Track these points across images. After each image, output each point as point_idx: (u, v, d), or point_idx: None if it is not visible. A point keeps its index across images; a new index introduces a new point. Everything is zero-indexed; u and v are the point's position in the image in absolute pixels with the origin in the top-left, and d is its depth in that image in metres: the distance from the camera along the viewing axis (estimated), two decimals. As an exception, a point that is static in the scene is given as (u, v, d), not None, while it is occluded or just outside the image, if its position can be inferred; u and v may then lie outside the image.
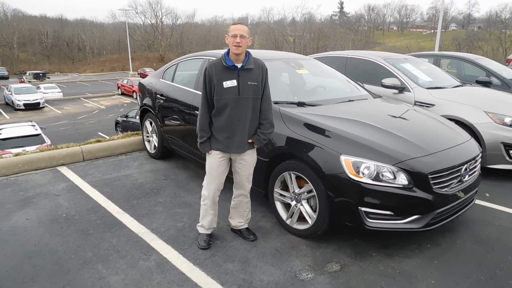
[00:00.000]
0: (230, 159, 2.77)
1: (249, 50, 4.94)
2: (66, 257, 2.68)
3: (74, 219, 3.23)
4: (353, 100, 3.67)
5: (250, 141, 2.68)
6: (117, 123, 15.60)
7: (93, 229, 3.07)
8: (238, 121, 2.60)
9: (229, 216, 3.03)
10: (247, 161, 2.74)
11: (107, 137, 5.58)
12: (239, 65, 2.57)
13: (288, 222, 3.01)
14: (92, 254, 2.71)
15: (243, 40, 2.51)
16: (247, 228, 3.00)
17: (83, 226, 3.12)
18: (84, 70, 63.83)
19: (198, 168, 4.50)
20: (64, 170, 4.42)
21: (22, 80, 41.08)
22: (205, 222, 2.86)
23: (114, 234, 3.00)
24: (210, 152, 2.70)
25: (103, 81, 44.20)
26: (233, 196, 2.94)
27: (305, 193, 2.85)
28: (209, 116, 2.65)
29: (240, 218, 2.97)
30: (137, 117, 8.67)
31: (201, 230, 2.91)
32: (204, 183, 2.82)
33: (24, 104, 24.33)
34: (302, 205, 2.89)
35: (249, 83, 2.58)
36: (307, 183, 2.79)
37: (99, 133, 15.98)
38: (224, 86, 2.55)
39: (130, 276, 2.46)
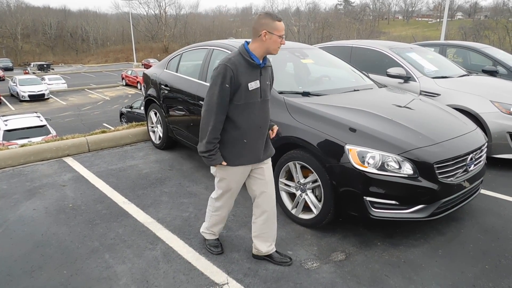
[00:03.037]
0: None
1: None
2: (73, 246, 2.71)
3: (81, 209, 3.27)
4: (358, 90, 3.65)
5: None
6: (121, 114, 15.64)
7: (99, 219, 3.10)
8: (260, 128, 2.28)
9: (254, 243, 2.51)
10: (267, 162, 2.42)
11: (112, 128, 5.61)
12: (260, 62, 2.22)
13: (293, 211, 3.02)
14: (99, 244, 2.74)
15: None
16: (277, 251, 2.53)
17: (89, 216, 3.16)
18: (88, 61, 63.78)
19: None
20: (70, 160, 4.45)
21: (27, 71, 41.22)
22: (216, 229, 2.62)
23: (120, 224, 3.03)
24: (223, 163, 2.28)
25: (107, 72, 44.20)
26: (255, 217, 2.46)
27: (310, 183, 2.85)
28: (222, 124, 2.22)
29: (269, 241, 2.49)
30: (142, 107, 8.68)
31: (209, 237, 2.65)
32: (219, 195, 2.45)
33: (29, 96, 24.44)
34: (307, 194, 2.90)
35: (267, 83, 2.29)
36: (312, 172, 2.79)
37: (104, 124, 16.05)
38: (249, 89, 2.17)
39: (137, 265, 2.49)
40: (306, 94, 3.30)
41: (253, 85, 2.19)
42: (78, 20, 74.31)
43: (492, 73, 5.88)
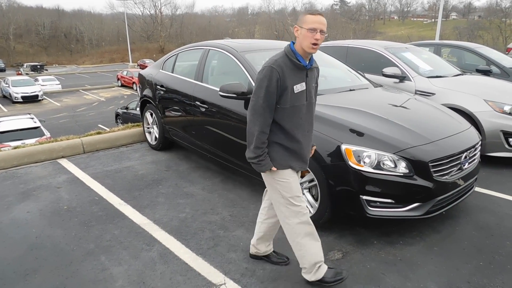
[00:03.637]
0: None
1: (249, 40, 4.91)
2: (68, 249, 2.70)
3: (76, 211, 3.25)
4: (354, 90, 3.66)
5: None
6: (117, 115, 15.56)
7: (95, 221, 3.08)
8: (307, 132, 2.17)
9: (255, 243, 2.47)
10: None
11: (108, 129, 5.58)
12: (307, 63, 2.09)
13: (289, 211, 3.02)
14: (94, 246, 2.73)
15: (322, 37, 2.01)
16: (274, 251, 2.52)
17: (85, 218, 3.14)
18: (83, 61, 63.40)
19: (199, 159, 4.51)
20: (65, 162, 4.42)
21: (19, 72, 40.85)
22: (320, 256, 2.23)
23: (116, 225, 3.01)
24: (273, 168, 2.10)
25: (102, 73, 43.98)
26: (266, 218, 2.39)
27: (307, 183, 2.86)
28: (269, 128, 2.08)
29: (269, 241, 2.48)
30: (138, 108, 8.65)
31: (322, 272, 2.22)
32: (291, 211, 2.14)
33: (22, 97, 24.24)
34: (303, 194, 2.90)
35: (313, 85, 2.17)
36: (309, 172, 2.79)
37: (99, 125, 15.95)
38: (295, 91, 2.05)
39: (133, 267, 2.48)
40: (301, 93, 3.30)
41: (299, 87, 2.06)
42: (72, 20, 73.78)
43: (486, 73, 5.93)
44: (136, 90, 24.89)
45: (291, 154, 2.12)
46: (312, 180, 2.79)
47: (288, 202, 2.13)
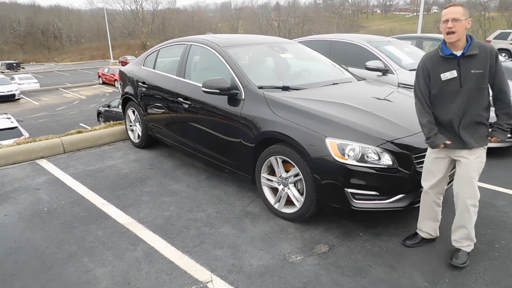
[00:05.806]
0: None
1: (231, 35, 4.86)
2: (49, 251, 2.62)
3: (57, 213, 3.16)
4: (337, 83, 3.66)
5: (491, 138, 2.34)
6: (99, 113, 15.25)
7: (77, 222, 3.00)
8: (458, 116, 2.28)
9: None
10: (470, 159, 2.32)
11: (89, 128, 5.44)
12: (458, 53, 2.23)
13: (276, 206, 3.01)
14: (77, 247, 2.66)
15: (456, 24, 2.15)
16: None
17: (66, 219, 3.05)
18: (62, 59, 61.76)
19: (184, 156, 4.45)
20: (44, 163, 4.30)
21: (-5, 71, 39.53)
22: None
23: (99, 226, 2.94)
24: (447, 142, 2.30)
25: (83, 70, 42.99)
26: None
27: (292, 177, 2.85)
28: (430, 111, 2.35)
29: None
30: (120, 106, 8.49)
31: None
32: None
33: (-2, 96, 23.43)
34: (289, 189, 2.90)
35: (472, 71, 2.22)
36: (294, 167, 2.78)
37: (81, 124, 15.62)
38: (442, 79, 2.27)
39: (118, 267, 2.43)
40: (286, 88, 3.29)
41: (448, 75, 2.26)
42: (49, 16, 71.60)
43: None
44: (118, 87, 24.45)
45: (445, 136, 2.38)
46: (297, 175, 2.78)
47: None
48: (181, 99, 3.77)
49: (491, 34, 17.81)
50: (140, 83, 4.46)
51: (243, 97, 3.18)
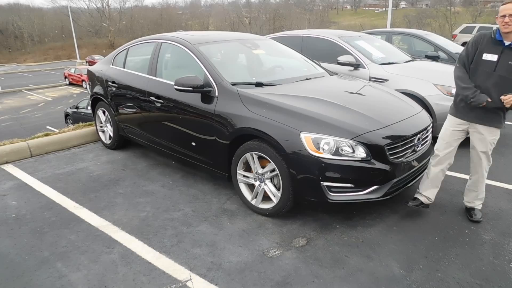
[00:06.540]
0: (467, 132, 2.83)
1: (203, 32, 4.80)
2: (19, 259, 2.50)
3: (26, 219, 3.02)
4: (310, 79, 3.70)
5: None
6: (67, 115, 14.71)
7: (48, 227, 2.88)
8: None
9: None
10: (484, 135, 2.72)
11: (57, 130, 5.23)
12: (507, 42, 2.53)
13: (253, 202, 3.01)
14: (49, 253, 2.55)
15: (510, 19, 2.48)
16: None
17: (36, 225, 2.92)
18: (24, 59, 58.93)
19: (158, 156, 4.36)
20: (10, 168, 4.09)
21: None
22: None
23: (72, 230, 2.84)
24: (489, 100, 2.58)
25: (47, 71, 41.25)
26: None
27: (268, 173, 2.86)
28: (468, 76, 2.67)
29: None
30: (89, 107, 8.22)
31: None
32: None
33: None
34: (266, 184, 2.90)
35: (510, 62, 2.52)
36: (270, 162, 2.79)
37: (48, 127, 14.97)
38: (483, 58, 2.59)
39: (93, 271, 2.36)
40: (259, 84, 3.29)
41: (489, 56, 2.57)
42: (8, 15, 68.03)
43: (434, 58, 6.26)
44: (86, 88, 23.62)
45: (463, 108, 2.79)
46: (273, 170, 2.79)
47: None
48: (153, 98, 3.70)
49: (457, 28, 18.50)
50: (110, 83, 4.32)
51: (216, 94, 3.15)
